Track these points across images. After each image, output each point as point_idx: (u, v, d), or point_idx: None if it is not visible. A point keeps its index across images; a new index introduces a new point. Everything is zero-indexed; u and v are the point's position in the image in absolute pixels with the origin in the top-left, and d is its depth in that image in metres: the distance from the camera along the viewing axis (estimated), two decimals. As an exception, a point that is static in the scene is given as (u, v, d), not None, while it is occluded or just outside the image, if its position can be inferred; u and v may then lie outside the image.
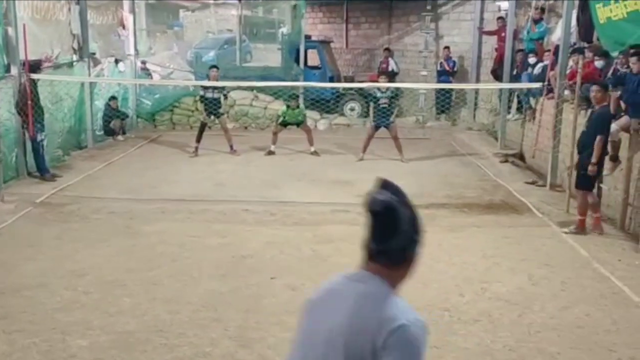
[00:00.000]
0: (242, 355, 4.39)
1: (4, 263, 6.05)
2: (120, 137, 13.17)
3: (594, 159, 6.84)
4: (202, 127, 11.72)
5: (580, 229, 7.07)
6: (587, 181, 7.06)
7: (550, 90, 9.60)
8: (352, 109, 15.78)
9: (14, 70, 9.24)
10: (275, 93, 14.53)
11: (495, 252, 6.55)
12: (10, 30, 9.18)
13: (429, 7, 16.49)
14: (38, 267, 5.97)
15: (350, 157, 11.46)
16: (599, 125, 6.94)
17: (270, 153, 11.71)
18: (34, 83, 9.26)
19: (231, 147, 11.79)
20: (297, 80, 14.35)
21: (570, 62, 9.25)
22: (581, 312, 5.14)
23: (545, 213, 7.96)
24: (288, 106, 11.87)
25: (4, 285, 5.51)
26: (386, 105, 10.99)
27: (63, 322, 4.80)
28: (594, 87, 7.12)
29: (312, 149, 11.74)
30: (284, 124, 11.93)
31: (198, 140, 11.61)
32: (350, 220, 7.61)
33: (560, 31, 9.74)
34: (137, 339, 4.60)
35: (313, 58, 16.00)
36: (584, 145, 7.11)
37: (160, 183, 9.39)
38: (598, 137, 6.82)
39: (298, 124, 11.98)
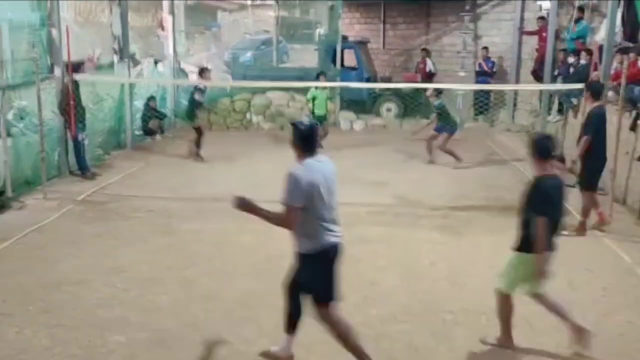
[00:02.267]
0: (276, 355, 4.39)
1: (47, 259, 6.21)
2: (158, 137, 13.37)
3: (577, 154, 6.98)
4: (199, 132, 11.28)
5: (582, 230, 7.07)
6: (589, 181, 7.09)
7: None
8: (388, 110, 15.69)
9: (57, 71, 9.46)
10: (312, 94, 14.55)
11: (534, 256, 6.41)
12: (54, 32, 9.41)
13: (467, 7, 16.32)
14: (79, 263, 6.10)
15: (385, 159, 11.38)
16: (585, 125, 7.02)
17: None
18: (76, 84, 9.46)
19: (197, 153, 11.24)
20: (334, 81, 14.33)
21: (615, 63, 9.02)
22: (623, 319, 5.00)
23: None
24: (316, 88, 11.93)
25: (46, 280, 5.66)
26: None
27: (102, 318, 4.89)
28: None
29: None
30: (315, 119, 11.94)
31: (198, 145, 11.24)
32: (386, 222, 7.58)
33: (604, 31, 9.50)
34: (174, 336, 4.66)
35: (350, 58, 15.97)
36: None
37: (197, 182, 9.49)
38: (584, 137, 6.89)
39: (323, 119, 11.97)
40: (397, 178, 9.78)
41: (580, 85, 9.71)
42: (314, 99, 12.00)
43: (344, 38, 15.94)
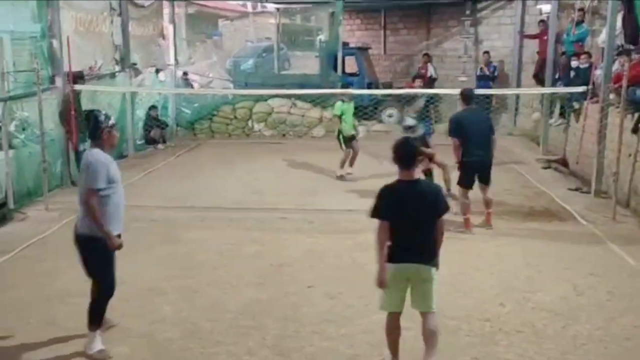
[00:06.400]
0: (280, 365, 4.37)
1: (50, 270, 6.19)
2: (160, 146, 13.39)
3: None
4: None
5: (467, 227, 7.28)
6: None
7: (595, 94, 9.36)
8: (390, 116, 15.68)
9: (59, 82, 9.48)
10: (313, 100, 14.57)
11: (537, 260, 6.39)
12: (55, 43, 9.44)
13: (468, 12, 16.34)
14: (81, 274, 6.05)
15: (386, 165, 11.34)
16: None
17: (341, 177, 10.29)
18: (77, 94, 9.47)
19: None
20: (334, 87, 14.33)
21: (616, 65, 9.00)
22: (629, 323, 4.96)
23: (590, 221, 7.73)
24: (342, 100, 10.35)
25: (50, 292, 5.64)
26: None
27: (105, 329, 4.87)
28: None
29: (349, 170, 10.45)
30: (345, 140, 10.35)
31: None
32: (388, 228, 7.53)
33: (605, 33, 9.49)
34: (177, 346, 4.63)
35: (351, 65, 15.98)
36: None
37: (200, 191, 9.48)
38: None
39: (353, 139, 10.43)
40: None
41: (581, 89, 9.72)
42: (342, 114, 10.23)
43: (345, 44, 15.96)
